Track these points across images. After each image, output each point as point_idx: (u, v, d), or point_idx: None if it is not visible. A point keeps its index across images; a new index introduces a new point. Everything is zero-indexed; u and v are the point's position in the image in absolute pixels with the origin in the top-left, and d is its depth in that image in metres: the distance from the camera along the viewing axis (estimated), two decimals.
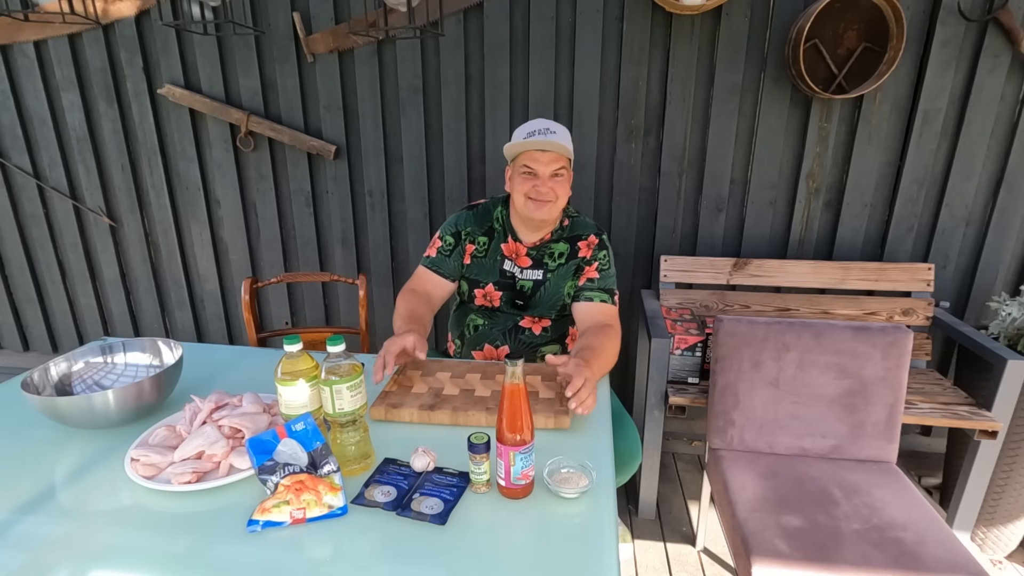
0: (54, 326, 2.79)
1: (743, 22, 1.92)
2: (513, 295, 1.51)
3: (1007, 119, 1.89)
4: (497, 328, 1.53)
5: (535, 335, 1.53)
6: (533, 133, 1.38)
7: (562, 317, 1.54)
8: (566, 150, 1.37)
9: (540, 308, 1.51)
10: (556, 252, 1.49)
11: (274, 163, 2.33)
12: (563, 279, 1.48)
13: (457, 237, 1.51)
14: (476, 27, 2.05)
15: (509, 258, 1.50)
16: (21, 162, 2.47)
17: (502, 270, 1.51)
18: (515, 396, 0.86)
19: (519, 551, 0.79)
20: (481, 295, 1.53)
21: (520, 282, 1.50)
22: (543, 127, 1.39)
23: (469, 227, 1.52)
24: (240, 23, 1.95)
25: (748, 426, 1.54)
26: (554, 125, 1.40)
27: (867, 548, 1.20)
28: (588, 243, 1.49)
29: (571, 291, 1.49)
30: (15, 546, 0.80)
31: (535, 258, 1.49)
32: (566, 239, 1.49)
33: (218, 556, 0.78)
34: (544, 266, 1.49)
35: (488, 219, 1.53)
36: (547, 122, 1.40)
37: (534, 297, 1.50)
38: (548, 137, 1.36)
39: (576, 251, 1.48)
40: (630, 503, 2.02)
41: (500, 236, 1.51)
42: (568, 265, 1.48)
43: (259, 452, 0.87)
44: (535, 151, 1.37)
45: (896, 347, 1.42)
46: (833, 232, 2.10)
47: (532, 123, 1.41)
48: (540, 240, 1.49)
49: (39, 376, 1.13)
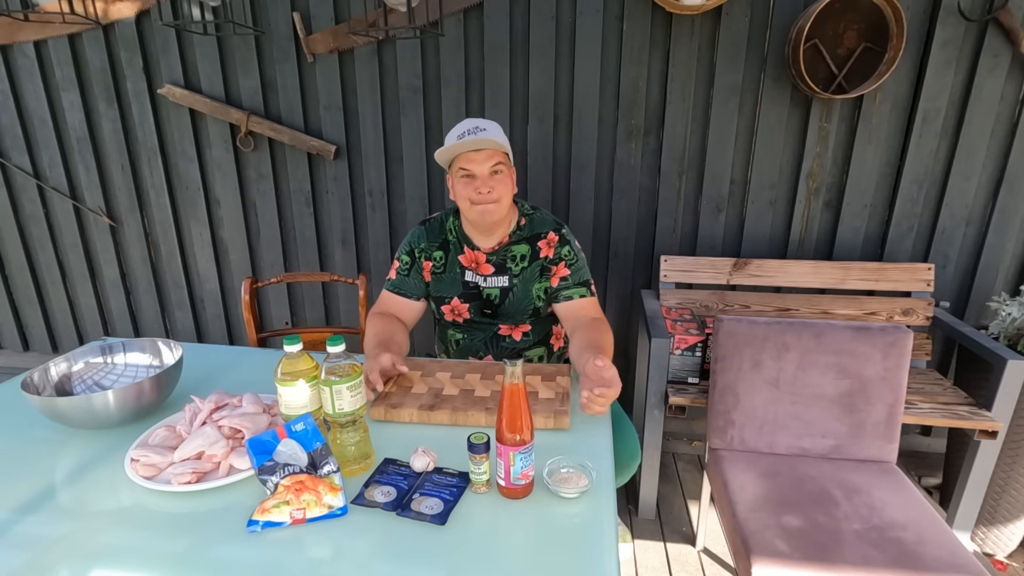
0: (54, 326, 2.79)
1: (743, 22, 1.92)
2: (481, 305, 1.47)
3: (1007, 119, 1.89)
4: (478, 340, 1.51)
5: (516, 341, 1.51)
6: (463, 134, 1.33)
7: (539, 319, 1.51)
8: (499, 145, 1.32)
9: (513, 315, 1.47)
10: (518, 255, 1.45)
11: (274, 163, 2.33)
12: (529, 282, 1.45)
13: (412, 256, 1.47)
14: (476, 27, 2.05)
15: (469, 268, 1.46)
16: (21, 162, 2.47)
17: (464, 282, 1.47)
18: (515, 396, 0.86)
19: (519, 551, 0.79)
20: (448, 310, 1.50)
21: (485, 290, 1.46)
22: (472, 127, 1.33)
23: (423, 244, 1.48)
24: (240, 23, 1.95)
25: (748, 426, 1.54)
26: (484, 122, 1.35)
27: (867, 548, 1.20)
28: (548, 241, 1.44)
29: (541, 293, 1.46)
30: (15, 546, 0.80)
31: (497, 263, 1.45)
32: (525, 239, 1.45)
33: (218, 556, 0.78)
34: (508, 271, 1.45)
35: (441, 232, 1.48)
36: (476, 121, 1.36)
37: (503, 305, 1.46)
38: (478, 135, 1.31)
39: (537, 251, 1.45)
40: (630, 503, 2.02)
41: (456, 248, 1.47)
42: (532, 268, 1.45)
43: (259, 452, 0.88)
44: (469, 152, 1.32)
45: (896, 347, 1.42)
46: (833, 232, 2.10)
47: (461, 124, 1.36)
48: (498, 244, 1.44)
49: (39, 376, 1.13)
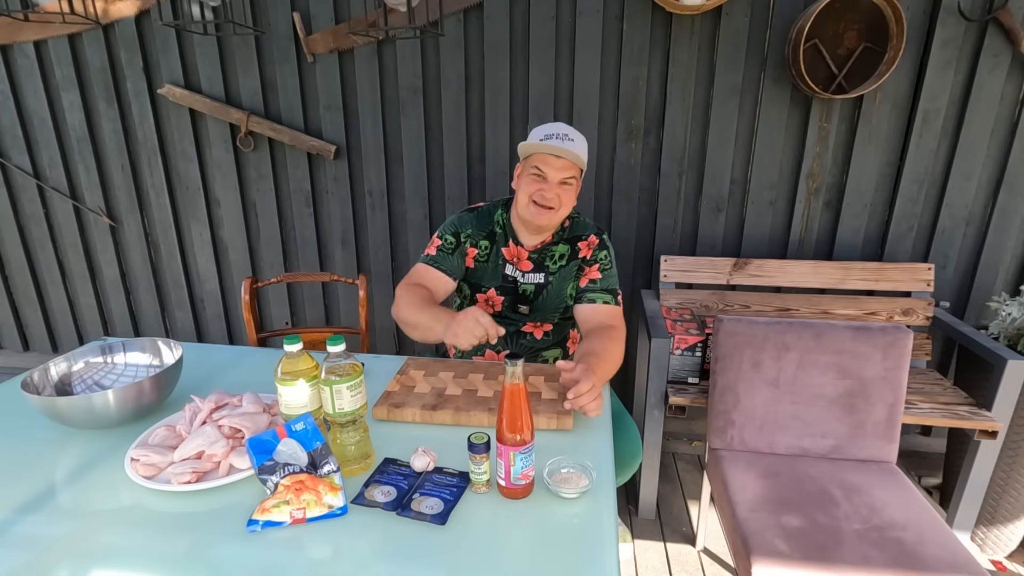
0: (54, 326, 2.79)
1: (743, 22, 1.92)
2: (515, 299, 1.49)
3: (1007, 119, 1.89)
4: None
5: (536, 339, 1.53)
6: (551, 136, 1.34)
7: (563, 320, 1.53)
8: (580, 160, 1.34)
9: (542, 312, 1.49)
10: (557, 254, 1.47)
11: (274, 163, 2.33)
12: (565, 281, 1.47)
13: (457, 237, 1.47)
14: (476, 27, 2.05)
15: (511, 262, 1.48)
16: (21, 162, 2.47)
17: (504, 275, 1.48)
18: (515, 396, 0.86)
19: (519, 551, 0.79)
20: (483, 299, 1.51)
21: (522, 286, 1.48)
22: (562, 132, 1.34)
23: (470, 229, 1.48)
24: (240, 23, 1.95)
25: (748, 426, 1.54)
26: (573, 133, 1.36)
27: (867, 548, 1.20)
28: (588, 243, 1.46)
29: (573, 292, 1.48)
30: (15, 546, 0.80)
31: (536, 261, 1.47)
32: (566, 240, 1.47)
33: (218, 556, 0.78)
34: (545, 268, 1.47)
35: (489, 222, 1.49)
36: (567, 128, 1.36)
37: (536, 301, 1.48)
38: (565, 143, 1.32)
39: (576, 252, 1.46)
40: (630, 503, 2.02)
41: (502, 240, 1.48)
42: (569, 267, 1.46)
43: (259, 452, 0.88)
44: (549, 155, 1.33)
45: (896, 347, 1.42)
46: (833, 232, 2.10)
47: (551, 126, 1.37)
48: (541, 243, 1.46)
49: (39, 376, 1.13)
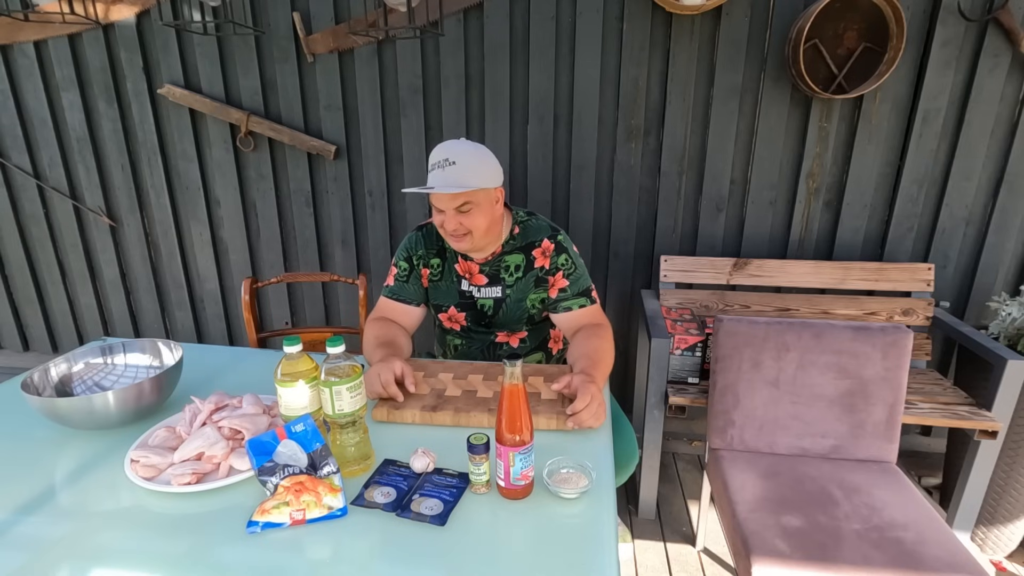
0: (54, 326, 2.79)
1: (743, 22, 1.92)
2: (476, 315, 1.46)
3: (1007, 119, 1.89)
4: (475, 347, 1.51)
5: (514, 348, 1.50)
6: (434, 166, 1.24)
7: (535, 326, 1.50)
8: (462, 187, 1.21)
9: (507, 325, 1.46)
10: (512, 265, 1.41)
11: (274, 163, 2.33)
12: (524, 293, 1.42)
13: (410, 262, 1.44)
14: (476, 27, 2.05)
15: (464, 278, 1.43)
16: (21, 162, 2.47)
17: (460, 291, 1.44)
18: (514, 397, 0.86)
19: (519, 551, 0.79)
20: (445, 318, 1.49)
21: (479, 301, 1.44)
22: (443, 158, 1.22)
23: (420, 250, 1.44)
24: (240, 23, 1.95)
25: (748, 426, 1.54)
26: (456, 152, 1.22)
27: (867, 548, 1.20)
28: (543, 250, 1.39)
29: (536, 303, 1.44)
30: (15, 546, 0.80)
31: (490, 274, 1.42)
32: (519, 248, 1.40)
33: (218, 557, 0.78)
34: (501, 281, 1.41)
35: (438, 239, 1.43)
36: (449, 150, 1.23)
37: (496, 315, 1.44)
38: (446, 170, 1.21)
39: (532, 261, 1.40)
40: (630, 503, 2.02)
41: (452, 256, 1.43)
42: (526, 278, 1.41)
43: (259, 453, 0.88)
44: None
45: (896, 347, 1.42)
46: (833, 232, 2.10)
47: (435, 152, 1.25)
48: (492, 255, 1.40)
49: (39, 377, 1.13)
